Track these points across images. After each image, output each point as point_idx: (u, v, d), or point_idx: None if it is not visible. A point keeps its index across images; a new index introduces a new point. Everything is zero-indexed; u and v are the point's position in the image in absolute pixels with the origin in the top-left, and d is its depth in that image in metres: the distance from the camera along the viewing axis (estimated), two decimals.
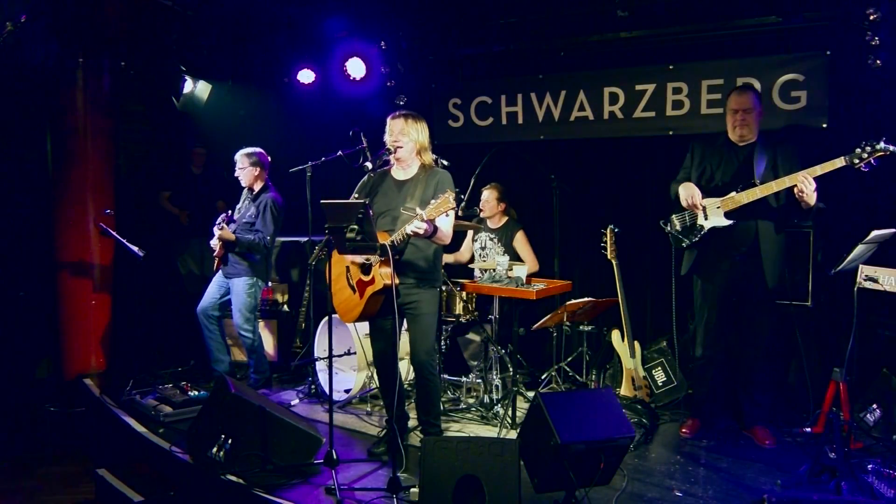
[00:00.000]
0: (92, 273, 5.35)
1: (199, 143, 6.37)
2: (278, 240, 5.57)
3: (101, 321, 5.42)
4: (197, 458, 3.65)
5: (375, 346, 3.84)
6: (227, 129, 6.13)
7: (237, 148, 5.02)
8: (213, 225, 4.90)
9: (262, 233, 4.84)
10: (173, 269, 6.27)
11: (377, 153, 3.71)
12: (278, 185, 5.08)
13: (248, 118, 6.47)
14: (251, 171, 4.96)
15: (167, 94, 5.81)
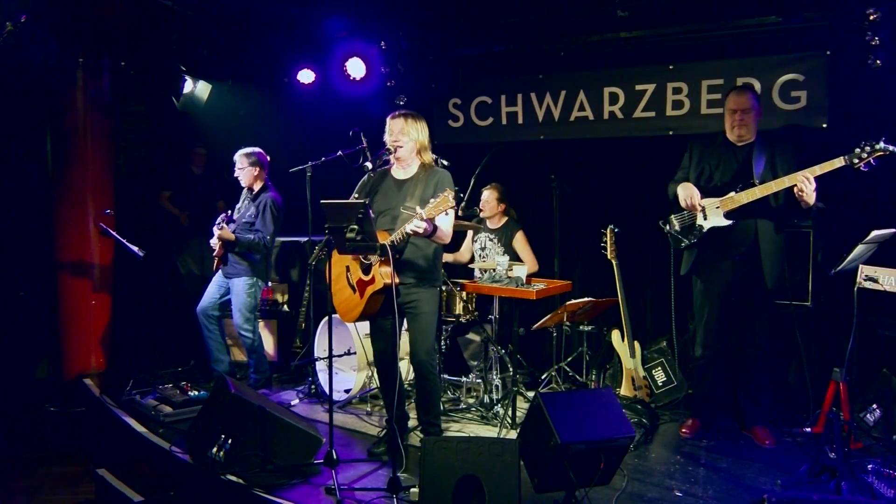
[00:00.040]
0: (92, 273, 5.36)
1: (200, 144, 6.37)
2: (278, 240, 5.57)
3: (101, 321, 5.43)
4: (197, 458, 3.65)
5: (375, 345, 3.85)
6: (227, 129, 6.13)
7: (237, 148, 5.01)
8: (213, 225, 4.90)
9: (261, 233, 4.84)
10: (173, 269, 6.27)
11: (377, 153, 3.71)
12: (278, 185, 5.08)
13: (248, 118, 6.47)
14: (251, 171, 4.96)
15: (167, 94, 5.80)
